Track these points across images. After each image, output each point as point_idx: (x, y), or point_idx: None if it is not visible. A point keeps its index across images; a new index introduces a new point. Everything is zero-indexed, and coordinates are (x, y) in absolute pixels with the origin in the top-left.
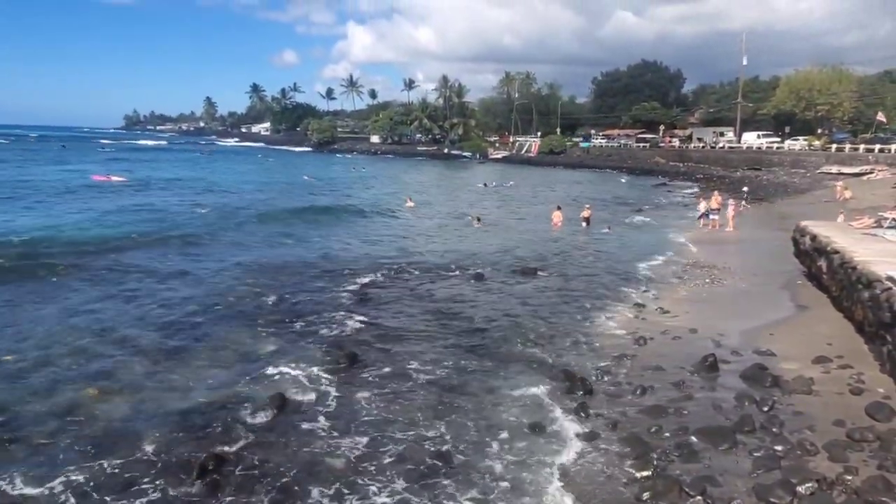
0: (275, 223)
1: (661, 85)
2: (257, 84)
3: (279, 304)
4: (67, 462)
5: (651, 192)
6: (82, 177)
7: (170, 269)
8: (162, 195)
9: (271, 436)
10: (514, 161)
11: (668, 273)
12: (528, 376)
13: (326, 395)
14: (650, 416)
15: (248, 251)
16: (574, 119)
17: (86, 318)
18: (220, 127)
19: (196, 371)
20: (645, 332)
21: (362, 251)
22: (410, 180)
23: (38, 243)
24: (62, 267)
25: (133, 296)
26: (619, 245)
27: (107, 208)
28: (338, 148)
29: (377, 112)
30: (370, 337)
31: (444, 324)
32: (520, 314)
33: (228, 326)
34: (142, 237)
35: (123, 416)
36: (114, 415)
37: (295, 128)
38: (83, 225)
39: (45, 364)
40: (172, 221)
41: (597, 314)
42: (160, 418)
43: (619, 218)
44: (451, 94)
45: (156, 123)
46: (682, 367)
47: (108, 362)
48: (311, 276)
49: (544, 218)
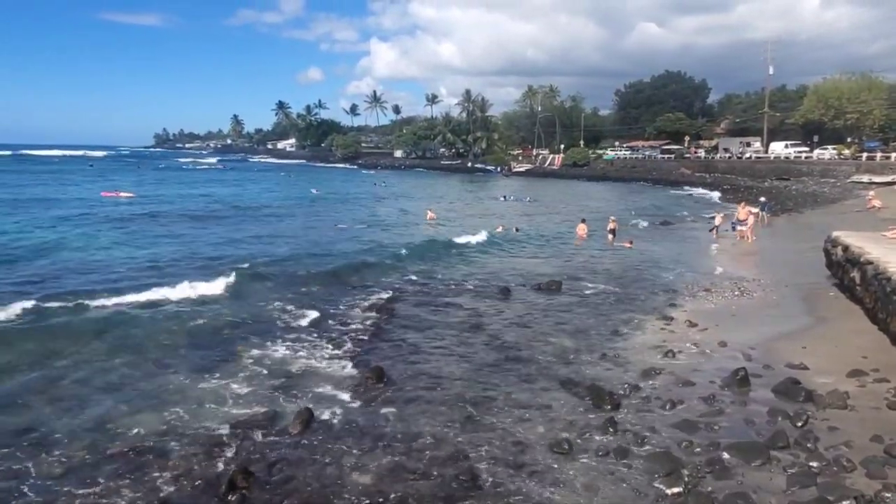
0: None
1: (686, 95)
2: (283, 101)
3: (304, 318)
4: (99, 476)
5: (677, 204)
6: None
7: (187, 278)
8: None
9: (299, 451)
10: (538, 174)
11: (696, 285)
12: (555, 391)
13: (353, 411)
14: (680, 432)
15: (271, 262)
16: (597, 131)
17: (113, 335)
18: (247, 144)
19: (224, 386)
20: (673, 346)
21: (387, 263)
22: (434, 194)
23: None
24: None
25: (159, 311)
26: (645, 258)
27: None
28: (362, 163)
29: (401, 127)
30: (396, 352)
31: (470, 339)
32: (546, 329)
33: (254, 341)
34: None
35: (153, 430)
36: (144, 429)
37: (320, 144)
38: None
39: (76, 379)
40: (193, 235)
41: (623, 328)
42: (189, 433)
43: (645, 230)
44: (474, 108)
45: (185, 141)
46: (713, 382)
47: (138, 377)
48: (336, 290)
49: (569, 231)
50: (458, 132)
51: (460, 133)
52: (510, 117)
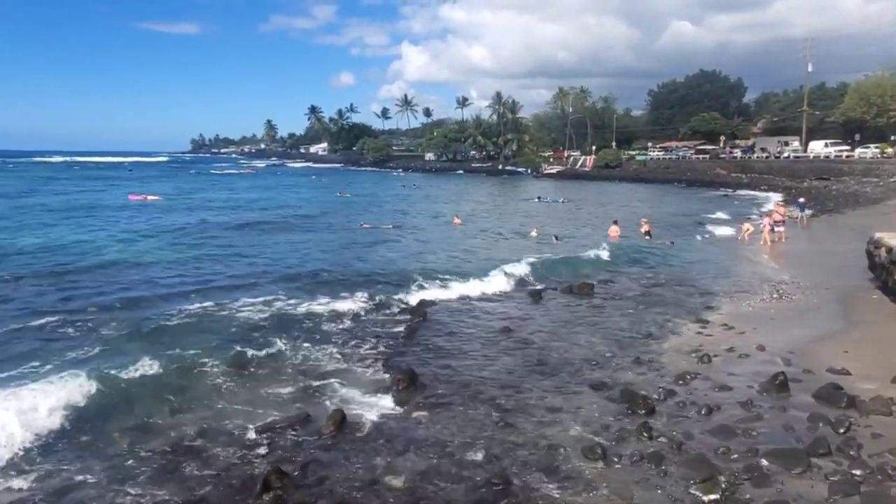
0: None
1: (721, 95)
2: (315, 106)
3: (337, 320)
4: (137, 476)
5: (713, 205)
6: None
7: (226, 284)
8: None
9: (332, 452)
10: (569, 176)
11: (733, 288)
12: (589, 396)
13: (385, 413)
14: (717, 437)
15: (304, 263)
16: (630, 132)
17: (151, 336)
18: (280, 148)
19: (258, 387)
20: (710, 350)
21: (416, 267)
22: (464, 196)
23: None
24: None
25: (193, 312)
26: (679, 259)
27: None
28: (393, 166)
29: (431, 130)
30: (428, 355)
31: (502, 342)
32: (578, 332)
33: (287, 342)
34: (199, 256)
35: (189, 430)
36: (181, 429)
37: (351, 147)
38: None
39: (117, 380)
40: (225, 239)
41: (658, 331)
42: (224, 433)
43: (680, 231)
44: (504, 110)
45: (220, 146)
46: (750, 386)
47: (173, 377)
48: (368, 291)
49: (601, 233)
50: (488, 134)
51: (491, 135)
52: (541, 119)
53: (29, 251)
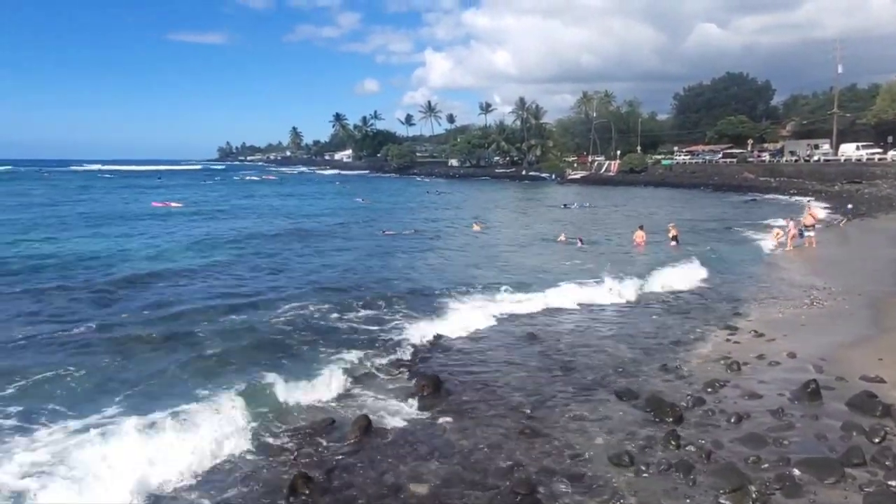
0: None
1: (748, 97)
2: (340, 113)
3: (363, 326)
4: (163, 479)
5: (741, 209)
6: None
7: (254, 290)
8: (236, 221)
9: (357, 458)
10: (594, 181)
11: (762, 293)
12: (614, 403)
13: (410, 420)
14: (747, 446)
15: (330, 270)
16: (655, 136)
17: (178, 342)
18: (305, 155)
19: (283, 392)
20: (739, 357)
21: (442, 272)
22: (488, 202)
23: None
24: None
25: (221, 316)
26: (707, 265)
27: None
28: (417, 172)
29: (455, 136)
30: (453, 361)
31: (526, 348)
32: (604, 338)
33: (313, 348)
34: (228, 259)
35: (216, 434)
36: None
37: (376, 154)
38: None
39: (136, 382)
40: (251, 245)
41: (686, 337)
42: (251, 437)
43: (707, 236)
44: (528, 115)
45: (246, 154)
46: (781, 394)
47: (200, 379)
48: (393, 298)
49: (626, 238)
50: (512, 140)
51: (514, 141)
52: (565, 124)
53: (68, 258)
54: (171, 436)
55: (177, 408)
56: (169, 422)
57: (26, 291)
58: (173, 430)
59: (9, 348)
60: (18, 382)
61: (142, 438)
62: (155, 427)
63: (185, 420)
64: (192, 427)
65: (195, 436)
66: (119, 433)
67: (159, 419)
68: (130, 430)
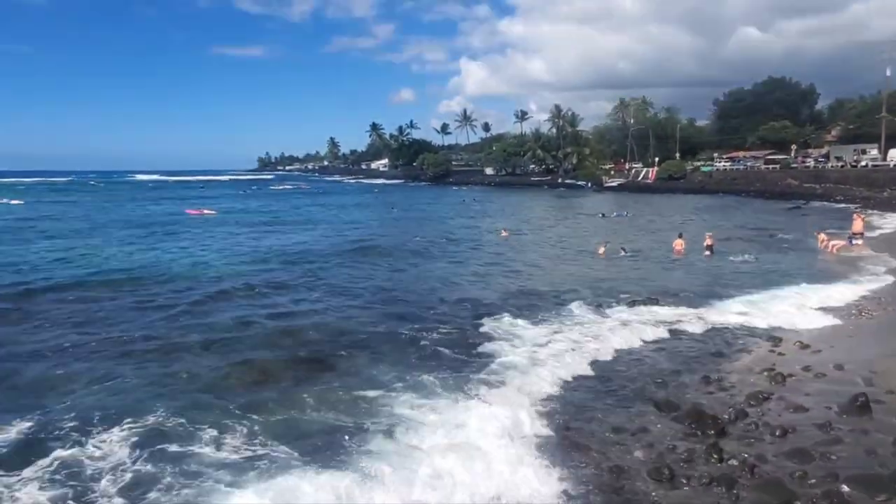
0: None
1: (792, 102)
2: (376, 123)
3: (398, 331)
4: (206, 479)
5: (784, 217)
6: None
7: (293, 298)
8: (285, 234)
9: (391, 460)
10: (631, 188)
11: (807, 303)
12: (653, 415)
13: (440, 421)
14: (792, 461)
15: (368, 280)
16: (694, 142)
17: (220, 346)
18: (342, 165)
19: (319, 398)
20: (783, 369)
21: (484, 276)
22: (523, 211)
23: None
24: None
25: (260, 322)
26: (749, 273)
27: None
28: (453, 181)
29: (490, 144)
30: (485, 365)
31: (564, 358)
32: (642, 348)
33: (351, 352)
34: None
35: (255, 437)
36: (247, 435)
37: (412, 163)
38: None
39: (184, 388)
40: (303, 256)
41: (727, 348)
42: (288, 440)
43: (748, 244)
44: (563, 123)
45: (285, 164)
46: (828, 407)
47: (240, 385)
48: (427, 306)
49: (665, 246)
50: (547, 148)
51: (550, 149)
52: (601, 131)
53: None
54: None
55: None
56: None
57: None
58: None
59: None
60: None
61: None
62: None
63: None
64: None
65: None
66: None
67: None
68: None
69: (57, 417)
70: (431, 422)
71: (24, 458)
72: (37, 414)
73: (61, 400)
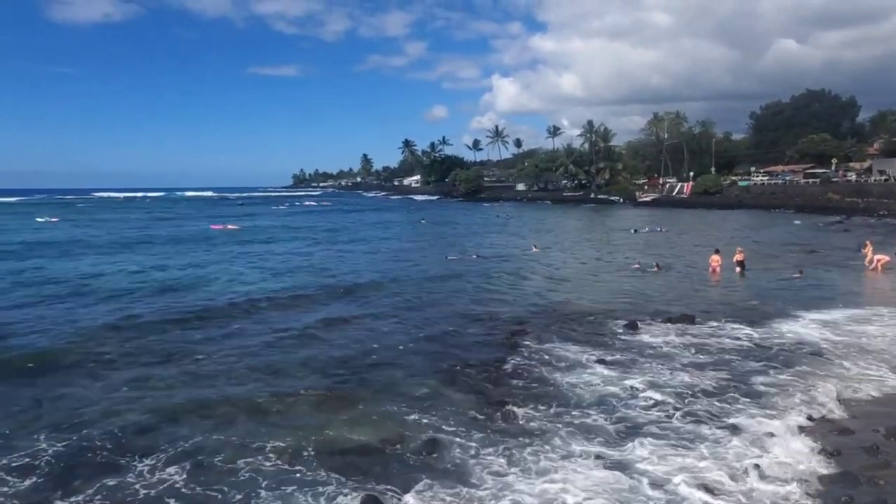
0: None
1: (832, 115)
2: (409, 139)
3: (431, 347)
4: (242, 491)
5: (826, 232)
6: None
7: (329, 316)
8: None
9: (424, 480)
10: (665, 203)
11: (848, 320)
12: (697, 431)
13: (476, 440)
14: (838, 485)
15: (400, 295)
16: (730, 157)
17: (256, 360)
18: (375, 181)
19: (357, 412)
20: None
21: (510, 295)
22: (556, 226)
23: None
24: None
25: (296, 339)
26: (789, 290)
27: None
28: (485, 197)
29: (522, 160)
30: (519, 384)
31: (595, 372)
32: (680, 365)
33: (385, 368)
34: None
35: (292, 452)
36: (284, 450)
37: (443, 179)
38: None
39: (217, 405)
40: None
41: (764, 366)
42: (322, 456)
43: (788, 260)
44: (596, 138)
45: (319, 180)
46: (875, 430)
47: (277, 401)
48: (462, 322)
49: (701, 262)
50: (580, 163)
51: (582, 164)
52: (634, 146)
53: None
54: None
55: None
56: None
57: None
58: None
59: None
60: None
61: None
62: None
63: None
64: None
65: None
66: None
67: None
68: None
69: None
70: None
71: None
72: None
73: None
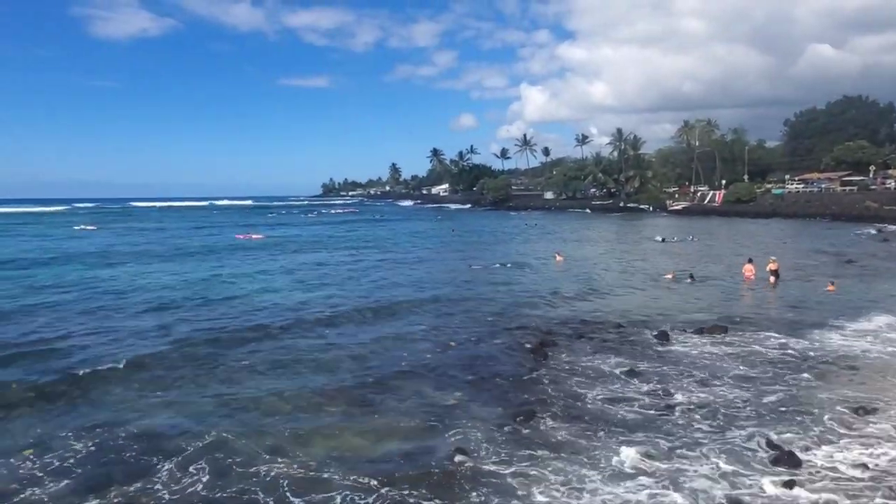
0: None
1: (869, 121)
2: (437, 148)
3: (458, 357)
4: (271, 495)
5: (864, 241)
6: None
7: (357, 325)
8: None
9: (453, 486)
10: (696, 212)
11: (887, 338)
12: (729, 445)
13: (504, 449)
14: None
15: (428, 304)
16: (764, 164)
17: (283, 368)
18: (404, 190)
19: (384, 421)
20: (867, 403)
21: (533, 301)
22: (584, 236)
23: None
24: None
25: (323, 349)
26: (827, 301)
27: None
28: (513, 205)
29: (551, 169)
30: (547, 392)
31: (626, 383)
32: (709, 378)
33: (412, 378)
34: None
35: (320, 460)
36: (312, 458)
37: (472, 188)
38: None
39: (247, 410)
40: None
41: (804, 376)
42: (351, 463)
43: (825, 270)
44: (625, 146)
45: (348, 189)
46: None
47: (305, 407)
48: (490, 331)
49: (734, 272)
50: (609, 171)
51: (611, 172)
52: (665, 154)
53: None
54: None
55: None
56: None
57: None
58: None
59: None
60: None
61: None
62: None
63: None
64: None
65: None
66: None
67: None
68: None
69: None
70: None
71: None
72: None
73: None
